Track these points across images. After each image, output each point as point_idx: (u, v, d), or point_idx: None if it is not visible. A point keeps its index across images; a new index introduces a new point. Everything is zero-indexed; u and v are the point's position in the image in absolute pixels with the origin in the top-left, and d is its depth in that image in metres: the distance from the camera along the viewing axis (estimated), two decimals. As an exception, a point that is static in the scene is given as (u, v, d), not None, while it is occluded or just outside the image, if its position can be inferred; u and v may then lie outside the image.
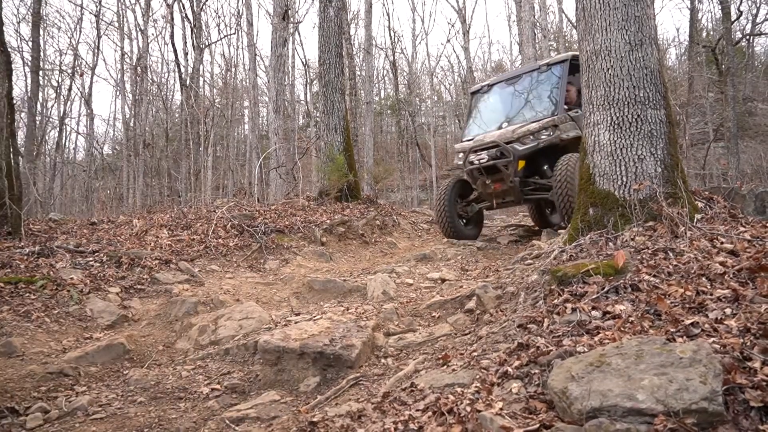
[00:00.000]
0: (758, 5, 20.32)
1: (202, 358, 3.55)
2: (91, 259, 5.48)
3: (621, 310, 2.47)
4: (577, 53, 6.17)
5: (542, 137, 6.50)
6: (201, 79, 20.07)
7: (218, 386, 3.12)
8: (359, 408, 2.27)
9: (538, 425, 1.77)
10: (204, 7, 14.24)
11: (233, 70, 24.33)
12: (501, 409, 1.90)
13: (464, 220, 7.54)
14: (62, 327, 4.16)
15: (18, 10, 26.13)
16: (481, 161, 6.79)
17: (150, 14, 18.01)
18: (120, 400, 3.03)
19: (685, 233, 3.29)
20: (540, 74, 7.15)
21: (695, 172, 14.39)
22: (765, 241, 3.05)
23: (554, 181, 6.01)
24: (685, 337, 2.08)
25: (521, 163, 6.61)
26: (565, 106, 6.75)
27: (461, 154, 7.21)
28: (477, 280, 4.59)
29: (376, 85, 29.55)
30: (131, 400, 3.02)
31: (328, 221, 7.49)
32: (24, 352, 3.67)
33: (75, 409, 2.90)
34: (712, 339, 1.99)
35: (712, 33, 23.81)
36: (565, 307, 2.66)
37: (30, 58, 14.63)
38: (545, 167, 6.70)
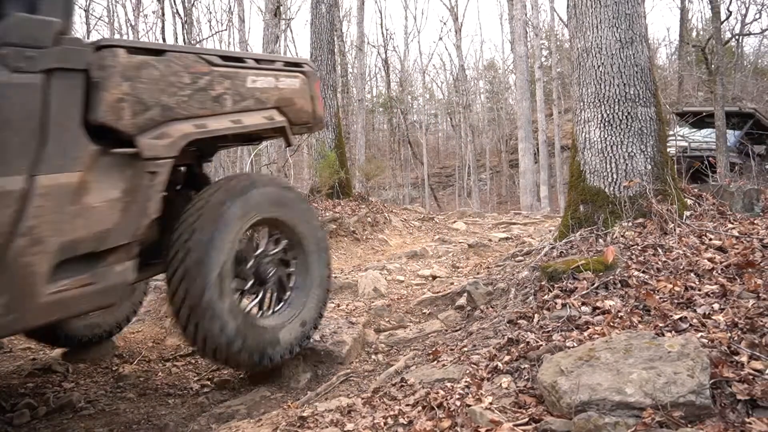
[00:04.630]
0: (747, 5, 20.48)
1: (192, 354, 3.53)
2: (79, 255, 5.43)
3: (610, 306, 2.48)
4: None
5: None
6: (192, 75, 19.93)
7: (208, 382, 3.10)
8: (349, 403, 2.27)
9: (527, 419, 1.78)
10: (195, 3, 14.14)
11: (225, 66, 24.17)
12: (491, 403, 1.91)
13: None
14: (50, 323, 4.12)
15: (6, 4, 25.69)
16: None
17: (141, 9, 17.86)
18: (109, 397, 3.01)
19: (674, 230, 3.32)
20: None
21: (685, 171, 14.47)
22: (752, 237, 3.08)
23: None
24: (673, 332, 2.10)
25: None
26: None
27: None
28: (468, 277, 4.60)
29: (368, 82, 29.51)
30: (120, 396, 3.00)
31: (319, 218, 7.41)
32: (11, 348, 3.64)
33: (63, 405, 2.88)
34: (700, 333, 2.01)
35: (701, 33, 24.00)
36: (555, 303, 2.68)
37: (18, 53, 14.42)
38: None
